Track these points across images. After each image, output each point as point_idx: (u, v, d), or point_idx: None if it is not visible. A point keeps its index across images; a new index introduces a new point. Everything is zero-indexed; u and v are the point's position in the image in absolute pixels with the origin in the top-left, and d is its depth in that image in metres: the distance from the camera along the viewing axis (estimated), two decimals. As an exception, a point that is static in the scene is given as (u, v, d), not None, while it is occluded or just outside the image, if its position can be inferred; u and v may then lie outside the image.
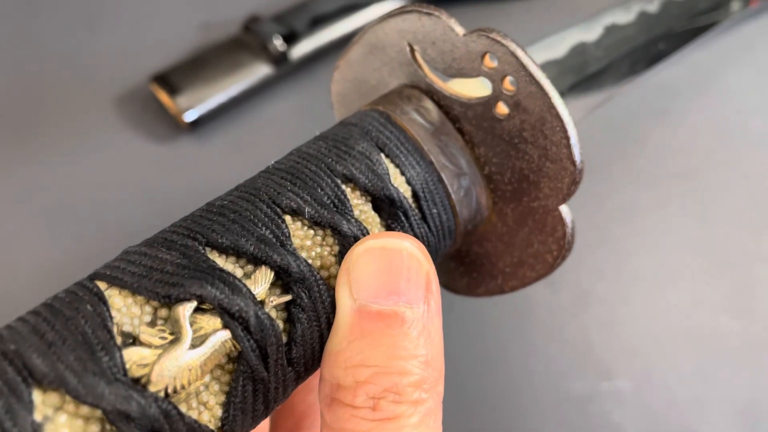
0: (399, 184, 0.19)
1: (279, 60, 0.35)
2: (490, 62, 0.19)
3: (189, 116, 0.34)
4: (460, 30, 0.19)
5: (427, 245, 0.19)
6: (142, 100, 0.36)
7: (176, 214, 0.34)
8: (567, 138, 0.18)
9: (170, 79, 0.34)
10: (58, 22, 0.40)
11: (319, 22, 0.36)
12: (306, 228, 0.17)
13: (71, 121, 0.36)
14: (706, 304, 0.32)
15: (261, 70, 0.35)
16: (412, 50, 0.21)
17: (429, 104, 0.20)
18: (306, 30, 0.35)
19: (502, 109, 0.19)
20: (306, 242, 0.17)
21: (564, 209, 0.20)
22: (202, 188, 0.34)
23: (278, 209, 0.17)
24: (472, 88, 0.20)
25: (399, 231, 0.18)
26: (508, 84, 0.19)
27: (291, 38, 0.35)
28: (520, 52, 0.18)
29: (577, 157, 0.18)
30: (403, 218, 0.18)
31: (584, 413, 0.29)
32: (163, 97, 0.34)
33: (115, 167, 0.35)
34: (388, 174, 0.18)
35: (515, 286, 0.22)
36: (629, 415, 0.29)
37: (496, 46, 0.18)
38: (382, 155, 0.19)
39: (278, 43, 0.35)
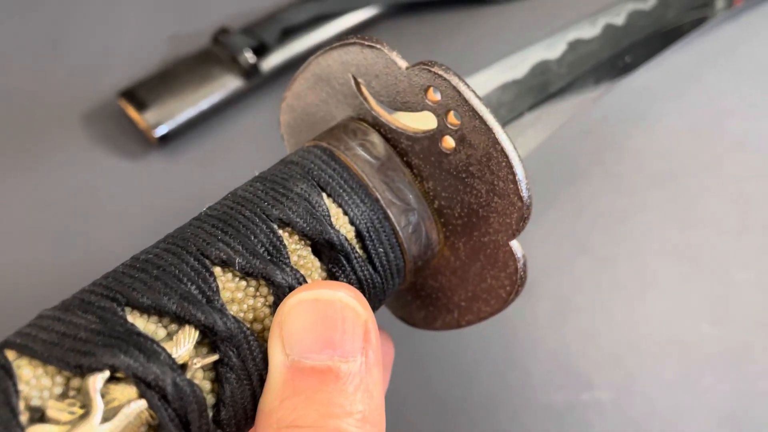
0: (341, 224, 0.19)
1: (249, 72, 0.35)
2: (433, 96, 0.19)
3: (159, 132, 0.34)
4: (402, 63, 0.19)
5: (373, 287, 0.19)
6: (110, 116, 0.37)
7: (146, 232, 0.34)
8: (513, 174, 0.18)
9: (138, 94, 0.34)
10: (24, 39, 0.40)
11: (290, 33, 0.36)
12: (237, 279, 0.17)
13: (38, 139, 0.36)
14: (686, 311, 0.32)
15: (231, 83, 0.35)
16: (357, 83, 0.21)
17: (375, 138, 0.20)
18: (276, 42, 0.35)
19: (448, 143, 0.19)
20: (237, 294, 0.16)
21: (515, 244, 0.20)
22: (174, 205, 0.34)
23: (207, 261, 0.16)
24: (421, 121, 0.20)
25: (340, 275, 0.18)
26: (453, 118, 0.19)
27: (261, 50, 0.35)
28: (462, 87, 0.18)
29: (525, 193, 0.19)
30: (344, 262, 0.18)
31: (564, 425, 0.29)
32: (132, 112, 0.34)
33: (84, 185, 0.35)
34: (328, 216, 0.18)
35: (471, 320, 0.22)
36: (610, 426, 0.29)
37: (438, 80, 0.18)
38: (324, 195, 0.19)
39: (248, 55, 0.35)
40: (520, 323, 0.32)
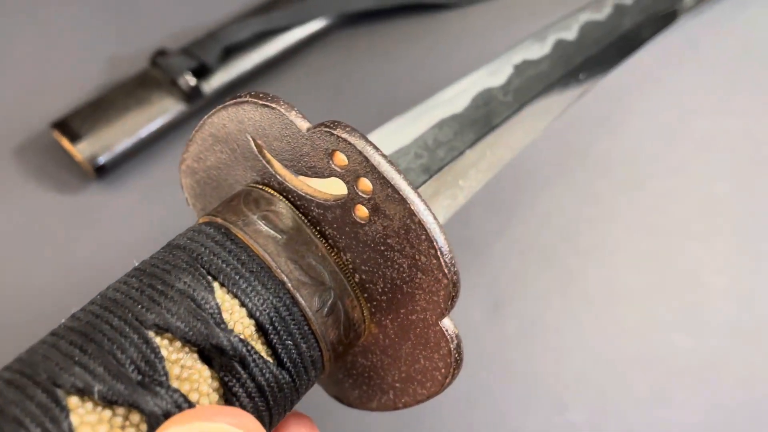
0: (237, 319, 0.17)
1: (191, 96, 0.35)
2: (341, 160, 0.18)
3: (96, 163, 0.34)
4: (302, 124, 0.18)
5: (279, 390, 0.18)
6: (44, 148, 0.36)
7: (88, 271, 0.33)
8: (435, 248, 0.17)
9: (72, 125, 0.34)
10: (-49, 68, 0.40)
11: (232, 52, 0.36)
12: (100, 409, 0.15)
13: (-32, 176, 0.35)
14: (658, 322, 0.32)
15: (172, 108, 0.35)
16: (258, 144, 0.19)
17: (282, 207, 0.19)
18: (218, 62, 0.35)
19: (361, 212, 0.18)
20: (100, 429, 0.14)
21: (446, 323, 0.18)
22: (115, 240, 0.34)
23: (59, 392, 0.14)
24: (335, 184, 0.19)
25: (235, 385, 0.16)
26: (364, 184, 0.17)
27: (202, 72, 0.35)
28: (369, 151, 0.17)
29: (449, 270, 0.17)
30: (239, 368, 0.16)
31: (538, 452, 0.29)
32: (66, 144, 0.34)
33: (17, 223, 0.34)
34: (217, 313, 0.16)
35: (408, 402, 0.21)
36: (585, 449, 0.29)
37: (342, 144, 0.17)
38: (216, 285, 0.17)
39: (188, 78, 0.34)
40: (487, 344, 0.32)
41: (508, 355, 0.31)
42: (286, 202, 0.19)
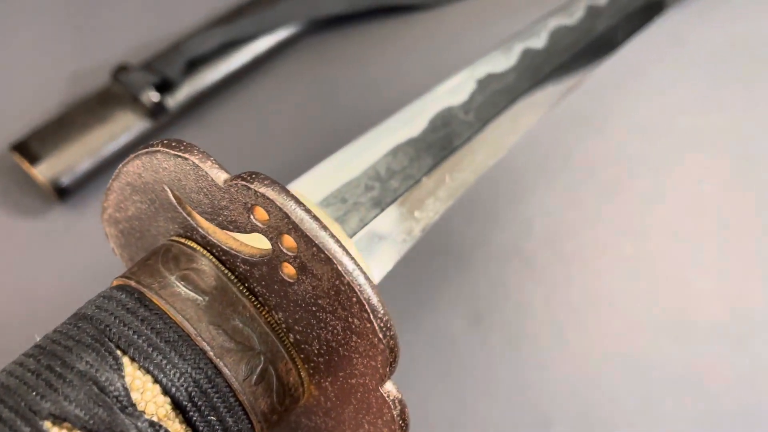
0: (150, 399, 0.16)
1: (155, 112, 0.35)
2: (262, 215, 0.17)
3: (58, 185, 0.33)
4: (219, 176, 0.17)
5: None
6: (4, 170, 0.36)
7: (52, 297, 0.33)
8: (367, 312, 0.16)
9: (31, 146, 0.34)
10: None
11: (196, 65, 0.36)
12: None
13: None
14: (644, 328, 0.32)
15: (136, 125, 0.35)
16: (176, 195, 0.18)
17: (205, 264, 0.18)
18: (181, 76, 0.35)
19: (289, 269, 0.17)
20: None
21: (389, 388, 0.17)
22: (80, 264, 0.34)
23: None
24: (263, 237, 0.17)
25: None
26: (289, 242, 0.16)
27: (165, 86, 0.35)
28: (290, 207, 0.16)
29: (384, 334, 0.16)
30: None
31: (522, 470, 0.29)
32: (26, 166, 0.34)
33: (-21, 250, 0.34)
34: (124, 396, 0.15)
35: None
36: (571, 465, 0.30)
37: (260, 199, 0.16)
38: (125, 360, 0.16)
39: (151, 93, 0.34)
40: (469, 358, 0.32)
41: (490, 369, 0.31)
42: (210, 257, 0.18)
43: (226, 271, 0.18)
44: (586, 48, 0.31)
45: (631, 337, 0.32)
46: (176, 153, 0.17)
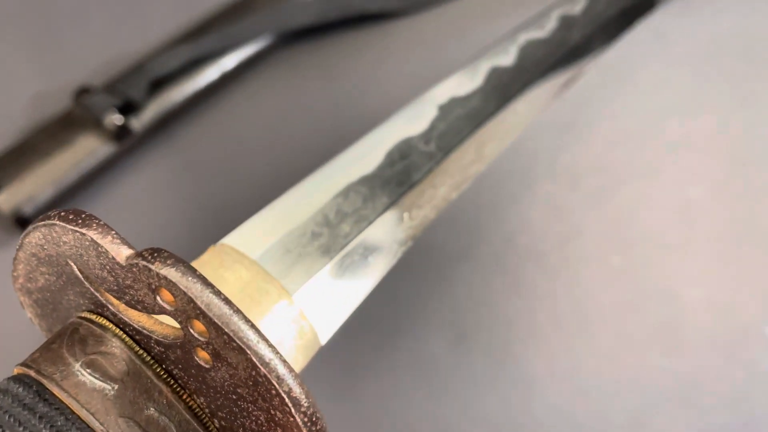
0: None
1: (119, 135, 0.35)
2: (168, 297, 0.16)
3: (19, 215, 0.33)
4: (120, 253, 0.16)
5: None
6: (-35, 201, 0.36)
7: (16, 339, 0.33)
8: (288, 407, 0.15)
9: (-12, 175, 0.34)
10: None
11: (161, 84, 0.36)
12: None
13: None
14: (633, 342, 0.32)
15: (99, 150, 0.35)
16: (81, 270, 0.17)
17: (116, 346, 0.17)
18: (145, 96, 0.35)
19: (203, 354, 0.16)
20: None
21: None
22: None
23: None
24: None
25: None
26: (199, 327, 0.15)
27: (129, 108, 0.35)
28: (196, 290, 0.15)
29: (309, 429, 0.15)
30: None
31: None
32: (-15, 196, 0.34)
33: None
34: None
35: None
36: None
37: (163, 282, 0.15)
38: None
39: (114, 116, 0.34)
40: (452, 381, 0.32)
41: (473, 390, 0.31)
42: (123, 336, 0.17)
43: (141, 352, 0.17)
44: (559, 61, 0.30)
45: (619, 352, 0.32)
46: (73, 228, 0.16)
